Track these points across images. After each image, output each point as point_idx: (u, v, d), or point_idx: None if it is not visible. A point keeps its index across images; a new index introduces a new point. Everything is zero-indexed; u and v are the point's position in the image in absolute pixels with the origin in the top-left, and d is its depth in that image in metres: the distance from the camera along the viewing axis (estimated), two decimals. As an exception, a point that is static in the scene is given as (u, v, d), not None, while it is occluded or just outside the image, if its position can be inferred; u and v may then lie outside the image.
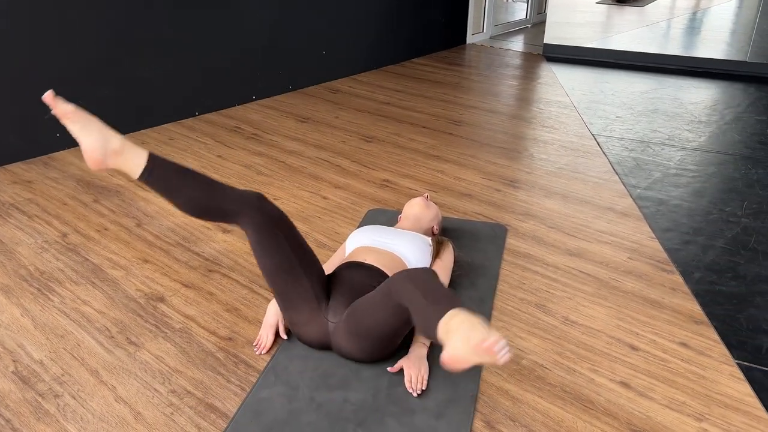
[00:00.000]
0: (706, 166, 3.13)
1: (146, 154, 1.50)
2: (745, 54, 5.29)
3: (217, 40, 3.79)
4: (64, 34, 3.05)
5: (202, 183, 1.54)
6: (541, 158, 3.20)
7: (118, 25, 3.26)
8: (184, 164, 1.59)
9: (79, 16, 3.08)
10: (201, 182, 1.54)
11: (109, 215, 2.50)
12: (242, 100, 4.07)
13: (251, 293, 2.01)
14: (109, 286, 2.03)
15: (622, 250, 2.30)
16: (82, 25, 3.11)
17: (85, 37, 3.14)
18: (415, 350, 1.66)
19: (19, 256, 2.19)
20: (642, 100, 4.32)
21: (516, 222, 2.51)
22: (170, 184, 1.51)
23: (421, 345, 1.68)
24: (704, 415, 1.54)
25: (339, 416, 1.50)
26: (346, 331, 1.59)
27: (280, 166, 3.04)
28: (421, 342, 1.69)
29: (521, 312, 1.93)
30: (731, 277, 2.14)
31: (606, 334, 1.83)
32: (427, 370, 1.62)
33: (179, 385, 1.61)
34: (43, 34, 2.97)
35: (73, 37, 3.09)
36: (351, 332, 1.58)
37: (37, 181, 2.81)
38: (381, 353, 1.63)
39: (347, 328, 1.59)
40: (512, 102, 4.26)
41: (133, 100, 3.45)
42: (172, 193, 1.52)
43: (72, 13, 3.05)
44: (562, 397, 1.59)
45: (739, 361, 1.72)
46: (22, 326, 1.83)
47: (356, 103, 4.14)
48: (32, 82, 2.99)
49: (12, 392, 1.57)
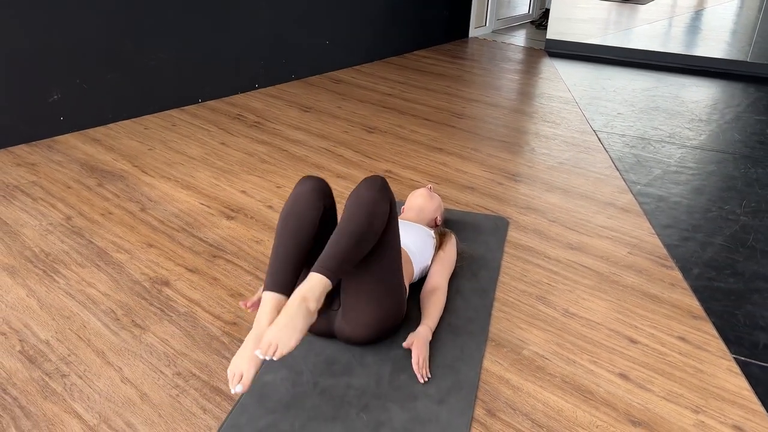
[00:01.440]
0: (706, 164, 3.16)
1: (326, 280, 1.44)
2: (746, 54, 5.31)
3: (221, 28, 3.79)
4: (69, 17, 3.04)
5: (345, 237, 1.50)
6: (542, 153, 3.22)
7: (125, 10, 3.25)
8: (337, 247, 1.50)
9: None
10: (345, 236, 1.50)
11: (113, 199, 2.51)
12: (245, 89, 4.07)
13: (255, 279, 2.03)
14: (114, 269, 2.04)
15: (622, 245, 2.33)
16: (88, 8, 3.10)
17: (90, 22, 3.13)
18: (423, 332, 1.69)
19: (23, 238, 2.20)
20: (643, 97, 4.34)
21: (517, 215, 2.53)
22: (348, 266, 1.49)
23: (428, 329, 1.71)
24: (701, 407, 1.57)
25: (342, 401, 1.53)
26: (351, 306, 1.62)
27: (283, 155, 3.05)
28: (427, 325, 1.72)
29: (522, 303, 1.96)
30: (729, 273, 2.17)
31: (606, 327, 1.86)
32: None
33: (184, 368, 1.63)
34: (48, 18, 2.96)
35: (79, 21, 3.09)
36: (355, 300, 1.60)
37: (41, 164, 2.81)
38: (387, 311, 1.64)
39: (350, 303, 1.61)
40: (514, 96, 4.27)
41: (138, 86, 3.45)
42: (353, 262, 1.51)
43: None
44: (561, 387, 1.61)
45: (736, 356, 1.75)
46: (28, 306, 1.84)
47: (359, 94, 4.15)
48: (37, 65, 2.99)
49: (19, 371, 1.59)
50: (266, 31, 4.07)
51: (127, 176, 2.73)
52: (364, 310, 1.62)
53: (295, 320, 1.37)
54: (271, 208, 2.51)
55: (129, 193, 2.58)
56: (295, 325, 1.37)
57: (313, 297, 1.41)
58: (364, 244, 1.50)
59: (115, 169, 2.79)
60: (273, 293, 1.48)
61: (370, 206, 1.52)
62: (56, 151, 2.96)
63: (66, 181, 2.65)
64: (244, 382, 1.36)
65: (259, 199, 2.58)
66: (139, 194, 2.57)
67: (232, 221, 2.39)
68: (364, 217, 1.50)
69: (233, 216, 2.43)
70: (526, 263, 2.18)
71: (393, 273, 1.64)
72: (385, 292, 1.63)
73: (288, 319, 1.37)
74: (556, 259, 2.21)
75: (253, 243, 2.24)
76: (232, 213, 2.45)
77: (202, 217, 2.41)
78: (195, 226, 2.34)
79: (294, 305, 1.40)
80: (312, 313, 1.41)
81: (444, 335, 1.78)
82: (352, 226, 1.49)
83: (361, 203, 1.52)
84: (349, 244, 1.48)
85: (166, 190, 2.61)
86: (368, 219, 1.50)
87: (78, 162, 2.85)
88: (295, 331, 1.37)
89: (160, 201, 2.52)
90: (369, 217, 1.51)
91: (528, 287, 2.04)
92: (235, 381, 1.36)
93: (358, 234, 1.49)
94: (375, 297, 1.61)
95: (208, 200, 2.55)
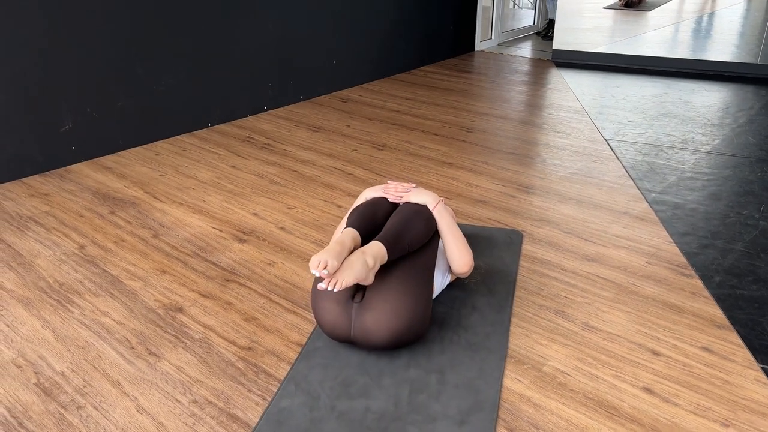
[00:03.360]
0: (721, 169, 3.11)
1: (384, 249, 1.66)
2: (756, 56, 5.26)
3: (228, 52, 3.82)
4: (79, 45, 3.08)
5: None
6: (554, 164, 3.20)
7: (134, 36, 3.29)
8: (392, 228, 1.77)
9: (94, 26, 3.11)
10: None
11: (125, 227, 2.52)
12: (254, 111, 4.10)
13: (269, 302, 2.01)
14: (128, 297, 2.04)
15: (639, 254, 2.29)
16: (98, 36, 3.14)
17: (100, 49, 3.17)
18: (373, 250, 1.64)
19: (38, 269, 2.21)
20: (653, 104, 4.31)
21: (532, 228, 2.50)
22: (398, 250, 1.71)
23: (381, 250, 1.65)
24: (730, 420, 1.52)
25: (361, 425, 1.50)
26: (375, 305, 1.65)
27: (293, 176, 3.05)
28: (371, 254, 1.65)
29: (540, 318, 1.92)
30: (752, 280, 2.12)
31: (627, 340, 1.82)
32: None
33: (200, 395, 1.61)
34: (58, 46, 3.00)
35: (89, 48, 3.12)
36: (382, 300, 1.65)
37: (54, 194, 2.83)
38: (412, 319, 1.66)
39: (375, 300, 1.65)
40: (523, 108, 4.26)
41: (147, 112, 3.48)
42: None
43: (87, 24, 3.08)
44: (585, 404, 1.57)
45: (763, 366, 1.70)
46: (43, 338, 1.83)
47: (367, 112, 4.15)
48: (48, 94, 3.02)
49: (35, 404, 1.58)
50: (273, 53, 4.10)
51: (139, 203, 2.74)
52: (392, 310, 1.64)
53: (354, 265, 1.59)
54: (283, 229, 2.50)
55: (141, 219, 2.58)
56: (353, 266, 1.58)
57: (371, 253, 1.62)
58: (415, 242, 1.74)
59: (127, 196, 2.80)
60: (353, 229, 1.74)
61: (427, 216, 1.83)
62: (69, 181, 2.98)
63: (79, 210, 2.66)
64: (330, 269, 1.55)
65: (271, 221, 2.57)
66: (152, 220, 2.57)
67: (244, 244, 2.38)
68: (423, 222, 1.79)
69: (245, 239, 2.43)
70: (542, 276, 2.15)
71: (424, 281, 1.73)
72: (413, 298, 1.67)
73: (348, 263, 1.59)
74: (573, 272, 2.18)
75: (266, 265, 2.23)
76: (244, 236, 2.45)
77: (214, 241, 2.41)
78: (208, 251, 2.33)
79: (354, 254, 1.62)
80: (368, 266, 1.60)
81: (461, 353, 1.75)
82: (412, 223, 1.77)
83: (420, 211, 1.83)
84: (405, 233, 1.73)
85: (178, 216, 2.62)
86: (426, 224, 1.80)
87: (90, 190, 2.87)
88: (353, 271, 1.57)
89: (172, 226, 2.52)
90: (427, 222, 1.81)
91: (546, 301, 2.01)
92: (321, 267, 1.53)
93: (415, 231, 1.75)
94: (403, 300, 1.66)
95: (220, 224, 2.55)
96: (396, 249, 1.69)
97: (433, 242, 1.84)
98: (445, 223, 1.90)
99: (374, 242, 1.67)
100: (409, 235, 1.74)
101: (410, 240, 1.73)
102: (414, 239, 1.74)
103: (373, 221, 1.83)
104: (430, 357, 1.74)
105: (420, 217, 1.80)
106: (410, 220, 1.78)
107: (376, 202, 1.92)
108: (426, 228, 1.79)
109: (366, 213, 1.84)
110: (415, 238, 1.75)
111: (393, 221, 1.79)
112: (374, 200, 1.93)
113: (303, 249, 2.35)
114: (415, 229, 1.76)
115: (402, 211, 1.84)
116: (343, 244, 1.64)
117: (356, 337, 1.68)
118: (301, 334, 1.86)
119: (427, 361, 1.72)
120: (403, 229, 1.74)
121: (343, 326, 1.68)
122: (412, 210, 1.83)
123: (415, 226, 1.77)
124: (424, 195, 1.92)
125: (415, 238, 1.75)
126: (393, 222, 1.78)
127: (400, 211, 1.85)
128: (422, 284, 1.72)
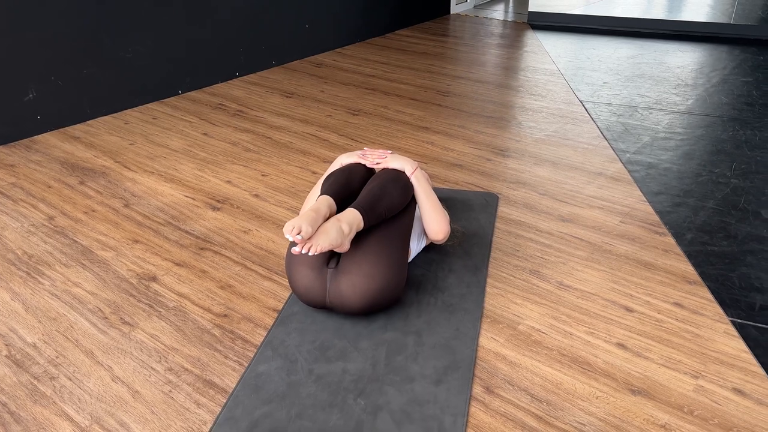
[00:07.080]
0: (694, 128, 3.14)
1: (360, 216, 1.65)
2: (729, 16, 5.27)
3: (198, 17, 3.71)
4: (43, 13, 2.96)
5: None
6: (529, 126, 3.19)
7: (98, 3, 3.17)
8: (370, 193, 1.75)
9: (53, -7, 3.00)
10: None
11: (95, 197, 2.46)
12: (225, 77, 4.01)
13: (244, 269, 1.99)
14: (100, 268, 2.00)
15: (613, 214, 2.31)
16: (63, 4, 3.02)
17: (65, 17, 3.05)
18: (348, 216, 1.63)
19: (5, 241, 2.16)
20: (628, 65, 4.31)
21: (507, 190, 2.50)
22: (374, 218, 1.70)
23: (356, 217, 1.65)
24: (700, 372, 1.55)
25: (339, 387, 1.50)
26: (350, 269, 1.64)
27: (267, 142, 3.01)
28: (363, 208, 1.66)
29: (516, 278, 1.93)
30: (723, 237, 2.16)
31: (601, 297, 1.84)
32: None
33: (176, 363, 1.60)
34: (22, 15, 2.89)
35: (54, 17, 3.01)
36: (357, 265, 1.65)
37: (20, 165, 2.75)
38: (389, 282, 1.67)
39: (350, 265, 1.65)
40: (499, 71, 4.23)
41: (116, 80, 3.38)
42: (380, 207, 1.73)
43: (46, -9, 2.97)
44: (559, 360, 1.59)
45: (733, 319, 1.74)
46: (13, 310, 1.80)
47: (341, 77, 4.09)
48: (9, 62, 2.92)
49: (6, 376, 1.56)
50: (244, 17, 4.00)
51: (109, 172, 2.68)
52: (367, 274, 1.64)
53: (329, 231, 1.58)
54: (258, 196, 2.47)
55: (112, 189, 2.53)
56: (328, 232, 1.57)
57: (346, 220, 1.62)
58: (392, 209, 1.73)
59: (97, 166, 2.74)
60: (328, 196, 1.71)
61: (404, 183, 1.80)
62: (35, 151, 2.90)
63: (46, 181, 2.59)
64: (304, 234, 1.53)
65: (245, 189, 2.54)
66: (122, 190, 2.52)
67: (218, 212, 2.35)
68: (400, 189, 1.76)
69: (219, 207, 2.39)
70: (518, 238, 2.16)
71: (399, 246, 1.73)
72: (388, 262, 1.67)
73: (323, 229, 1.58)
74: (548, 232, 2.19)
75: (241, 233, 2.21)
76: (217, 204, 2.41)
77: (187, 209, 2.37)
78: (180, 219, 2.30)
79: (330, 221, 1.61)
80: (343, 233, 1.60)
81: (438, 314, 1.76)
82: (388, 189, 1.74)
83: (397, 178, 1.80)
84: (382, 200, 1.71)
85: (150, 185, 2.57)
86: (403, 191, 1.77)
87: (58, 161, 2.79)
88: (328, 236, 1.56)
89: (143, 196, 2.47)
90: (404, 189, 1.78)
91: (521, 261, 2.02)
92: (294, 232, 1.51)
93: (392, 198, 1.73)
94: (378, 264, 1.65)
95: (192, 192, 2.51)
96: (372, 216, 1.67)
97: (410, 208, 1.82)
98: (423, 191, 1.88)
99: (350, 209, 1.65)
100: (385, 202, 1.71)
101: (387, 207, 1.71)
102: (391, 206, 1.72)
103: (348, 188, 1.79)
104: (407, 319, 1.74)
105: (397, 185, 1.77)
106: (387, 186, 1.75)
107: (352, 169, 1.87)
108: (403, 195, 1.77)
109: (341, 179, 1.81)
110: (392, 205, 1.73)
111: (369, 188, 1.75)
112: (350, 166, 1.89)
113: (278, 216, 2.33)
114: (391, 196, 1.73)
115: (379, 177, 1.81)
116: (318, 211, 1.61)
117: (332, 302, 1.68)
118: (278, 300, 1.85)
119: (404, 323, 1.72)
120: (379, 196, 1.71)
121: (318, 292, 1.67)
122: (390, 177, 1.80)
123: (392, 193, 1.74)
124: (401, 161, 1.89)
125: (391, 206, 1.72)
126: (369, 188, 1.75)
127: (376, 177, 1.82)
128: (397, 249, 1.71)
